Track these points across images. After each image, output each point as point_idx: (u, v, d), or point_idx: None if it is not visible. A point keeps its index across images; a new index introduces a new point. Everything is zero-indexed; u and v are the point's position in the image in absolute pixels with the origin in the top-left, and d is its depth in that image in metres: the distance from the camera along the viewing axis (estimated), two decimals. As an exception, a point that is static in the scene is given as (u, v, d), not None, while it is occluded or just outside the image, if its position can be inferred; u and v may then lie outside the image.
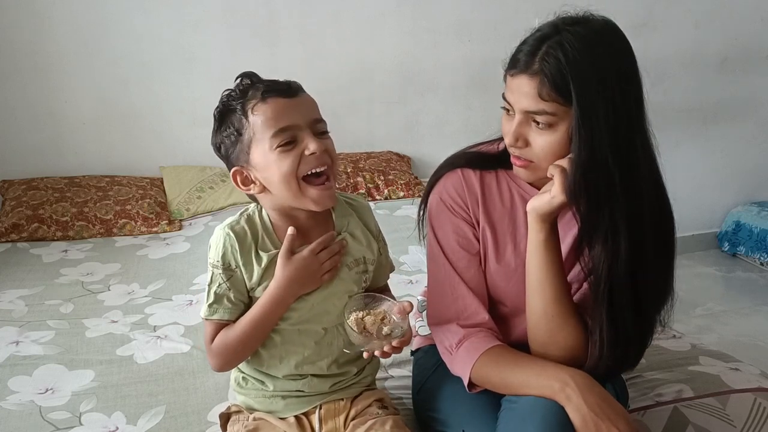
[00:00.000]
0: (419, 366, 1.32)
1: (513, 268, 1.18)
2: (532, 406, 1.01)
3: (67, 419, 1.33)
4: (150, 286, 1.93)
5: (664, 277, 1.09)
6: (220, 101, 1.09)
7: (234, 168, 1.08)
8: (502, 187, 1.18)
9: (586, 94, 0.97)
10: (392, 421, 1.12)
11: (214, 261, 1.09)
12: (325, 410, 1.15)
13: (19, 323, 1.70)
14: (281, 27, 2.68)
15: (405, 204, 2.59)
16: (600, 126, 0.98)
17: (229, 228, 1.09)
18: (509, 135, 1.05)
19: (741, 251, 3.36)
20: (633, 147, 1.01)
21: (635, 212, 1.02)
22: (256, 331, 1.09)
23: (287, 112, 1.04)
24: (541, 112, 1.00)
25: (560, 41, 0.98)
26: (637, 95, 1.02)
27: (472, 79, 2.94)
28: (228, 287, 1.09)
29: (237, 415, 1.19)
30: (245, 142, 1.05)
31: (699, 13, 3.13)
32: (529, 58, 1.00)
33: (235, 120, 1.05)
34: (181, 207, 2.48)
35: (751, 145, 3.43)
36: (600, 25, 1.02)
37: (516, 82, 1.02)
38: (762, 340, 2.63)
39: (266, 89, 1.05)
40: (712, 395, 1.29)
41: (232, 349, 1.11)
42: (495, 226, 1.18)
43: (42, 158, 2.55)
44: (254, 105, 1.04)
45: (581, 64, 0.97)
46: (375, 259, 1.19)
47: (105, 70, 2.54)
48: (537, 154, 1.05)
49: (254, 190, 1.09)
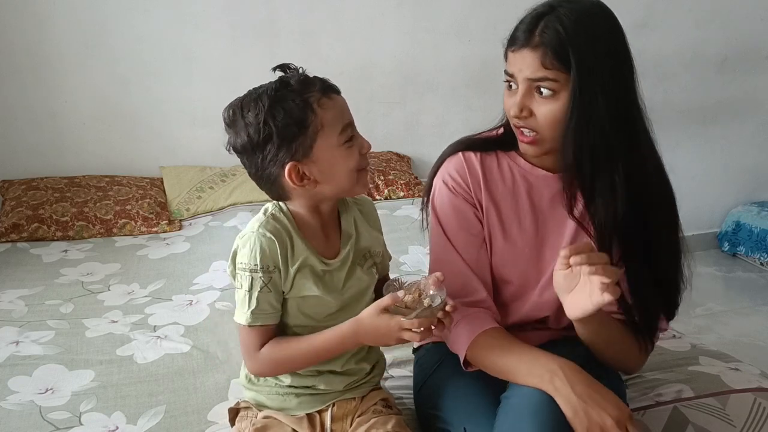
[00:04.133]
0: (421, 364, 1.33)
1: (520, 246, 1.21)
2: (527, 402, 1.02)
3: (67, 419, 1.33)
4: (150, 286, 1.93)
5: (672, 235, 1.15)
6: (269, 92, 1.02)
7: (290, 163, 1.03)
8: (503, 167, 1.22)
9: (584, 60, 1.03)
10: (395, 420, 1.13)
11: (252, 265, 1.06)
12: (337, 409, 1.16)
13: (19, 323, 1.70)
14: (281, 27, 2.68)
15: (405, 204, 2.59)
16: (596, 92, 1.04)
17: (263, 228, 1.07)
18: (514, 106, 1.09)
19: (741, 251, 3.36)
20: (631, 117, 1.09)
21: (634, 174, 1.08)
22: (310, 360, 1.10)
23: (345, 110, 1.08)
24: (544, 79, 1.06)
25: (558, 15, 1.05)
26: (629, 70, 1.09)
27: (472, 79, 2.94)
28: (269, 290, 1.07)
29: (245, 411, 1.19)
30: (310, 135, 1.02)
31: (699, 13, 3.12)
32: (528, 34, 1.06)
33: (296, 111, 1.01)
34: (181, 207, 2.48)
35: (751, 145, 3.43)
36: (592, 4, 1.09)
37: (518, 55, 1.08)
38: (762, 340, 2.63)
39: (324, 85, 1.05)
40: (712, 395, 1.29)
41: (281, 365, 1.11)
42: (499, 205, 1.21)
43: (42, 158, 2.55)
44: (319, 99, 1.03)
45: (578, 33, 1.04)
46: (381, 252, 1.21)
47: (105, 70, 2.54)
48: (541, 124, 1.09)
49: (307, 185, 1.06)
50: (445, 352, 1.25)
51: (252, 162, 1.06)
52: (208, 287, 1.91)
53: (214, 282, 1.93)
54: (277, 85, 1.03)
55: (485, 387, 1.15)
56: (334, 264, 1.12)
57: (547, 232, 1.21)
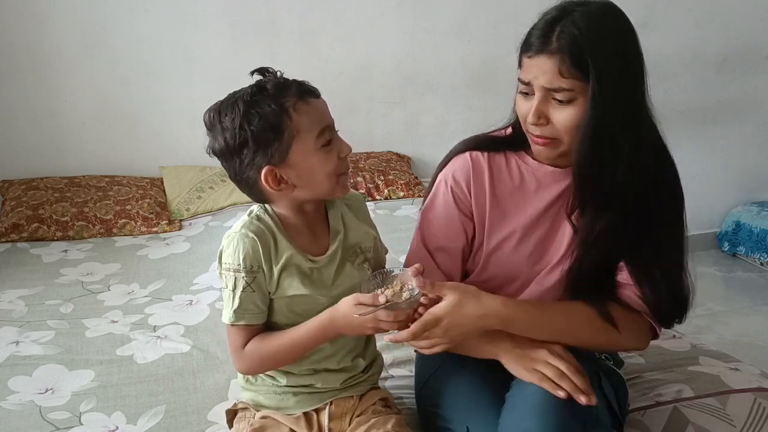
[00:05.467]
0: (422, 363, 1.33)
1: (525, 243, 1.21)
2: (532, 401, 1.03)
3: (67, 419, 1.33)
4: (150, 286, 1.93)
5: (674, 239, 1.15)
6: (245, 96, 1.02)
7: (266, 167, 1.03)
8: (512, 166, 1.23)
9: (602, 67, 1.02)
10: (395, 420, 1.13)
11: (235, 265, 1.07)
12: (335, 407, 1.16)
13: (19, 323, 1.70)
14: (281, 27, 2.68)
15: (405, 204, 2.58)
16: (613, 95, 1.03)
17: (246, 229, 1.08)
18: (531, 114, 1.09)
19: (741, 251, 3.36)
20: (639, 119, 1.08)
21: (637, 180, 1.08)
22: (294, 353, 1.10)
23: (323, 113, 1.06)
24: (561, 89, 1.05)
25: (572, 20, 1.03)
26: (640, 70, 1.08)
27: (472, 79, 2.94)
28: (252, 290, 1.08)
29: (243, 412, 1.19)
30: (285, 140, 1.02)
31: (699, 13, 3.12)
32: (544, 39, 1.05)
33: (271, 116, 1.01)
34: (181, 207, 2.48)
35: (751, 145, 3.43)
36: (604, 5, 1.08)
37: (535, 62, 1.06)
38: (762, 340, 2.63)
39: (301, 89, 1.04)
40: (712, 395, 1.29)
41: (267, 361, 1.12)
42: (505, 203, 1.21)
43: (42, 158, 2.55)
44: (294, 103, 1.02)
45: (595, 38, 1.03)
46: (372, 246, 1.20)
47: (105, 70, 2.54)
48: (558, 130, 1.09)
49: (284, 189, 1.06)
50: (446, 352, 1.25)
51: (230, 166, 1.07)
52: (208, 287, 1.91)
53: (214, 282, 1.93)
54: (254, 89, 1.03)
55: (487, 386, 1.16)
56: (322, 261, 1.12)
57: (554, 228, 1.20)
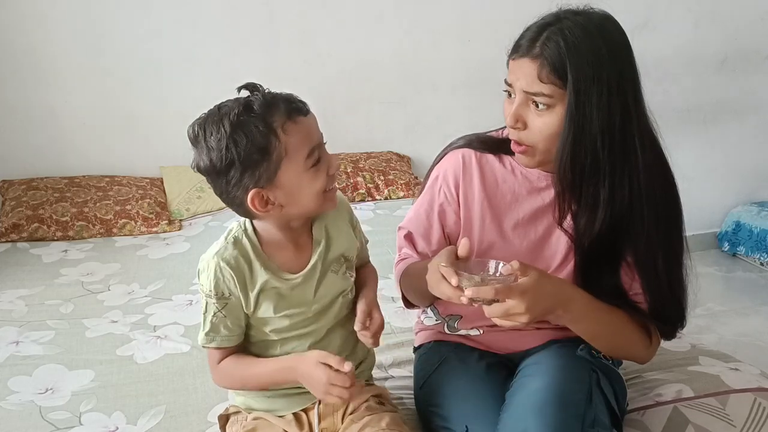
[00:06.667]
0: (422, 363, 1.33)
1: (517, 244, 1.22)
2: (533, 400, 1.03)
3: (67, 419, 1.33)
4: (150, 286, 1.93)
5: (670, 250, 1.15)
6: (231, 116, 0.97)
7: (253, 190, 1.00)
8: (506, 166, 1.23)
9: (581, 78, 1.02)
10: (389, 418, 1.12)
11: (207, 290, 1.07)
12: (323, 406, 1.15)
13: (19, 323, 1.70)
14: (281, 27, 2.67)
15: (405, 204, 2.58)
16: (592, 110, 1.03)
17: (219, 257, 1.06)
18: (510, 116, 1.09)
19: (741, 251, 3.35)
20: (628, 134, 1.06)
21: (625, 190, 1.08)
22: (260, 385, 1.13)
23: (312, 132, 1.03)
24: (539, 94, 1.05)
25: (561, 28, 1.04)
26: (634, 86, 1.07)
27: (472, 79, 2.93)
28: (224, 315, 1.08)
29: (236, 416, 1.19)
30: (273, 162, 0.98)
31: (699, 13, 3.12)
32: (531, 43, 1.05)
33: (258, 138, 0.97)
34: (181, 207, 2.48)
35: (751, 145, 3.42)
36: (600, 17, 1.07)
37: (517, 63, 1.07)
38: (762, 340, 2.62)
39: (289, 108, 1.00)
40: (712, 395, 1.29)
41: (238, 384, 1.16)
42: (497, 204, 1.22)
43: (42, 158, 2.55)
44: (283, 123, 0.98)
45: (579, 50, 1.02)
46: (355, 253, 1.20)
47: (105, 70, 2.54)
48: (535, 136, 1.09)
49: (272, 211, 1.03)
50: (446, 351, 1.25)
51: (216, 185, 1.03)
52: (208, 287, 1.91)
53: (214, 282, 1.93)
54: (240, 109, 0.98)
55: (487, 385, 1.16)
56: (300, 276, 1.10)
57: (548, 230, 1.21)
